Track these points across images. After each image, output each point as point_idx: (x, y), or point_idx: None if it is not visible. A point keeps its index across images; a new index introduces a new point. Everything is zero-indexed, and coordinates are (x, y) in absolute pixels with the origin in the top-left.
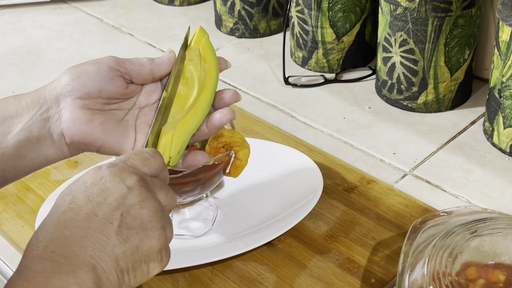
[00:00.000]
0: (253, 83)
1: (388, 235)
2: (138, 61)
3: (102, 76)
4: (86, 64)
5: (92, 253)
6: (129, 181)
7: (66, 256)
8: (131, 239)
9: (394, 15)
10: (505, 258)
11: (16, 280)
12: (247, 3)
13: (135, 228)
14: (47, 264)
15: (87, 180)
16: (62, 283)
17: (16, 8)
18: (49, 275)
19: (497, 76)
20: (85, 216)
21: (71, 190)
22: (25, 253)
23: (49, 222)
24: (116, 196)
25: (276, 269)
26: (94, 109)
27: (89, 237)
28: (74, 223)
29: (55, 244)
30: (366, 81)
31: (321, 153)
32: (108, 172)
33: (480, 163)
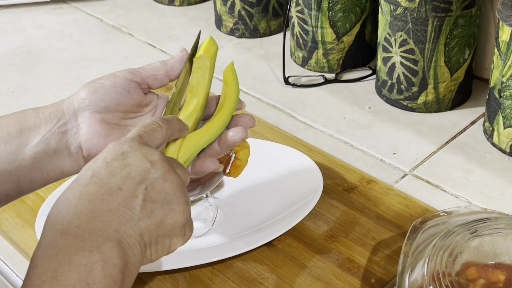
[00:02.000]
0: (253, 83)
1: (388, 235)
2: (151, 67)
3: (119, 89)
4: (102, 78)
5: (117, 227)
6: (151, 156)
7: (90, 231)
8: (155, 213)
9: (394, 15)
10: (505, 258)
11: (37, 260)
12: (247, 3)
13: (159, 202)
14: (70, 240)
15: (107, 156)
16: (86, 260)
17: (16, 8)
18: (72, 251)
19: (497, 76)
20: (109, 190)
21: (90, 166)
22: (47, 227)
23: (71, 195)
24: (140, 170)
25: (276, 269)
26: (112, 124)
27: (113, 211)
28: (98, 196)
29: (79, 218)
30: (366, 81)
31: (321, 153)
32: (129, 147)
33: (480, 163)
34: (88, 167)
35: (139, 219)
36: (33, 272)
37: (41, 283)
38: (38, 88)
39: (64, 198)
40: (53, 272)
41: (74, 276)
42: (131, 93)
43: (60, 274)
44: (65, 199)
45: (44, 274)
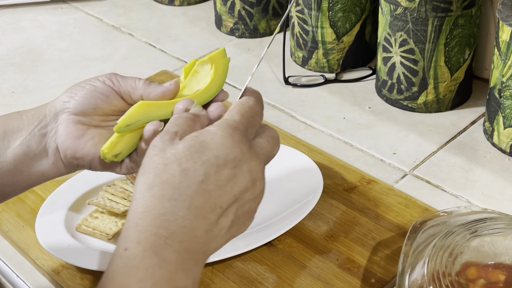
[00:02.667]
0: (253, 83)
1: (388, 235)
2: (132, 83)
3: (98, 94)
4: (86, 81)
5: (206, 249)
6: (256, 174)
7: (190, 251)
8: (232, 231)
9: (394, 15)
10: (505, 258)
11: (135, 259)
12: (247, 3)
13: (240, 220)
14: (173, 256)
15: (219, 154)
16: (182, 282)
17: (16, 8)
18: (173, 269)
19: (497, 76)
20: (213, 207)
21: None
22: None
23: (180, 199)
24: (241, 188)
25: (276, 269)
26: (89, 125)
27: (209, 232)
28: (203, 214)
29: (184, 234)
30: (366, 81)
31: (321, 153)
32: (241, 154)
33: (480, 163)
34: (199, 159)
35: (221, 239)
36: (132, 270)
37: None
38: (38, 88)
39: (172, 197)
40: (154, 284)
41: None
42: (111, 99)
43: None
44: (172, 200)
45: (144, 281)
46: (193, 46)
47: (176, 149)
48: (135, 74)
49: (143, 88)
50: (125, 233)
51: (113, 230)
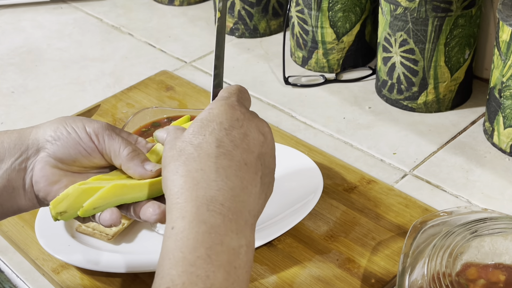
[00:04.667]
0: (253, 83)
1: (388, 235)
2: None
3: (80, 148)
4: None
5: (250, 209)
6: (263, 128)
7: (234, 211)
8: (264, 189)
9: (394, 15)
10: (505, 258)
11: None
12: (247, 3)
13: (268, 177)
14: (219, 219)
15: (223, 120)
16: (235, 243)
17: (16, 8)
18: (223, 232)
19: (497, 76)
20: (238, 165)
21: (207, 131)
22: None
23: (205, 166)
24: (256, 143)
25: (276, 269)
26: (66, 171)
27: (245, 189)
28: (232, 172)
29: (222, 195)
30: (366, 81)
31: (321, 153)
32: (242, 114)
33: (480, 163)
34: (205, 131)
35: (259, 197)
36: (183, 242)
37: (196, 258)
38: (38, 88)
39: (197, 167)
40: (207, 249)
41: (225, 258)
42: (92, 157)
43: (214, 254)
44: (199, 170)
45: (198, 249)
46: (193, 46)
47: (182, 137)
48: (135, 74)
49: (124, 161)
50: (168, 216)
51: (112, 230)
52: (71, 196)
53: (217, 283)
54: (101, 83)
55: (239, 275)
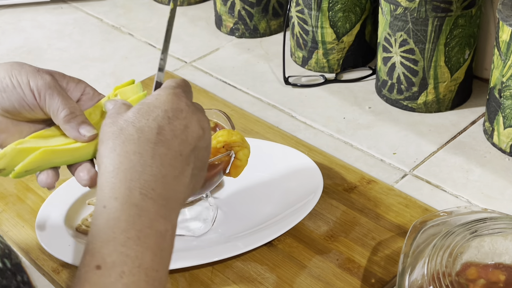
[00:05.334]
0: (253, 83)
1: (388, 235)
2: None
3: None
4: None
5: (178, 196)
6: (203, 123)
7: (164, 197)
8: (193, 180)
9: (394, 15)
10: (505, 258)
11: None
12: (247, 3)
13: (198, 169)
14: (149, 203)
15: (168, 109)
16: (162, 227)
17: (16, 8)
18: (153, 216)
19: (497, 76)
20: (174, 154)
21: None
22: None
23: (143, 150)
24: (195, 136)
25: (276, 269)
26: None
27: (176, 178)
28: (167, 161)
29: (155, 181)
30: (366, 81)
31: (321, 153)
32: (186, 106)
33: (480, 163)
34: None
35: (187, 187)
36: (115, 223)
37: (126, 239)
38: None
39: (136, 150)
40: (137, 232)
41: (153, 241)
42: (35, 112)
43: (143, 236)
44: (137, 153)
45: (129, 231)
46: (193, 46)
47: (126, 116)
48: (135, 74)
49: (61, 123)
50: (100, 193)
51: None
52: (8, 156)
53: (144, 263)
54: (101, 83)
55: (163, 257)
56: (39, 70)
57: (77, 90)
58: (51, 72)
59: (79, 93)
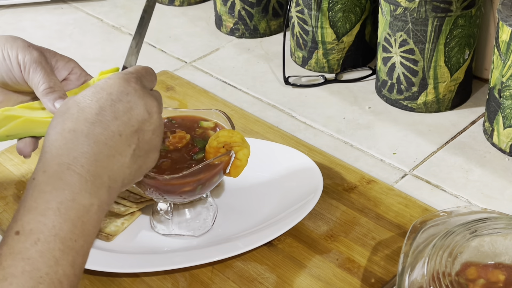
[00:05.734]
0: (253, 83)
1: (388, 235)
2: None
3: (10, 76)
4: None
5: (111, 174)
6: (150, 106)
7: (93, 174)
8: (138, 161)
9: (394, 15)
10: (505, 258)
11: (43, 184)
12: (247, 3)
13: (144, 150)
14: (75, 178)
15: (113, 91)
16: (87, 201)
17: (16, 8)
18: (77, 190)
19: (497, 76)
20: (111, 134)
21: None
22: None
23: (78, 129)
24: (139, 119)
25: (276, 269)
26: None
27: (111, 157)
28: (102, 140)
29: (85, 158)
30: (366, 81)
31: (321, 153)
32: (134, 90)
33: (480, 163)
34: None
35: (127, 167)
36: (39, 194)
37: (46, 209)
38: None
39: (71, 128)
40: (58, 204)
41: (74, 213)
42: (20, 85)
43: (64, 208)
44: (72, 131)
45: (50, 202)
46: (193, 46)
47: (76, 97)
48: None
49: (40, 96)
50: (36, 166)
51: (113, 230)
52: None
53: (61, 233)
54: None
55: (85, 229)
56: (30, 45)
57: (65, 69)
58: (42, 49)
59: (66, 72)
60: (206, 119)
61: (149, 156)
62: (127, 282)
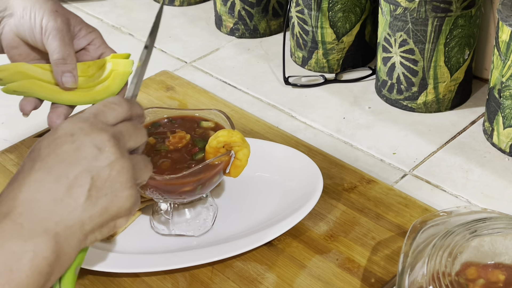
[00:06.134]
0: (253, 83)
1: (388, 235)
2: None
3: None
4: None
5: (59, 219)
6: (99, 141)
7: (31, 220)
8: (100, 202)
9: (394, 15)
10: (505, 258)
11: None
12: (247, 3)
13: (104, 190)
14: (8, 225)
15: (60, 135)
16: (18, 248)
17: None
18: (8, 237)
19: (497, 76)
20: (56, 177)
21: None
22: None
23: (21, 177)
24: (87, 157)
25: (276, 269)
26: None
27: (58, 201)
28: (45, 185)
29: (24, 205)
30: (366, 81)
31: (321, 153)
32: (79, 130)
33: (480, 163)
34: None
35: (83, 210)
36: None
37: None
38: None
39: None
40: None
41: (1, 259)
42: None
43: None
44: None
45: None
46: (193, 46)
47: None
48: None
49: (52, 63)
50: None
51: None
52: (8, 71)
53: None
54: None
55: (14, 278)
56: (57, 10)
57: (86, 39)
58: (69, 15)
59: (86, 42)
60: (206, 119)
61: (117, 195)
62: (127, 282)
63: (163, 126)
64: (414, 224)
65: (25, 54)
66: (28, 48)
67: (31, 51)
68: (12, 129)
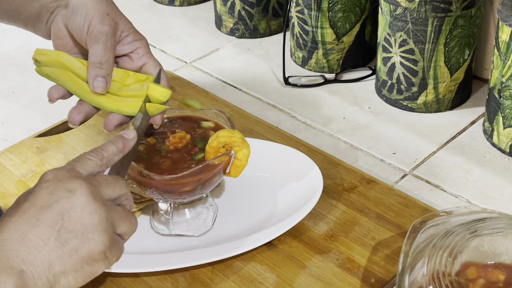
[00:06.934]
0: (253, 83)
1: (388, 235)
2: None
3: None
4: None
5: (25, 258)
6: (71, 185)
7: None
8: (69, 243)
9: (394, 15)
10: (505, 258)
11: None
12: (247, 3)
13: (74, 232)
14: None
15: (39, 183)
16: None
17: None
18: None
19: (496, 76)
20: (26, 220)
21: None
22: None
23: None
24: (59, 200)
25: (276, 269)
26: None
27: (25, 241)
28: (15, 226)
29: None
30: (366, 81)
31: (321, 153)
32: (54, 177)
33: (480, 163)
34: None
35: (51, 250)
36: None
37: None
38: (39, 89)
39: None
40: None
41: None
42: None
43: None
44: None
45: None
46: (193, 46)
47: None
48: None
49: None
50: None
51: None
52: (48, 57)
53: None
54: None
55: None
56: (108, 14)
57: (130, 46)
58: (118, 20)
59: (130, 49)
60: (206, 119)
61: (87, 236)
62: (127, 282)
63: (163, 126)
64: (414, 224)
65: (69, 46)
66: (73, 42)
67: (74, 45)
68: (12, 129)
